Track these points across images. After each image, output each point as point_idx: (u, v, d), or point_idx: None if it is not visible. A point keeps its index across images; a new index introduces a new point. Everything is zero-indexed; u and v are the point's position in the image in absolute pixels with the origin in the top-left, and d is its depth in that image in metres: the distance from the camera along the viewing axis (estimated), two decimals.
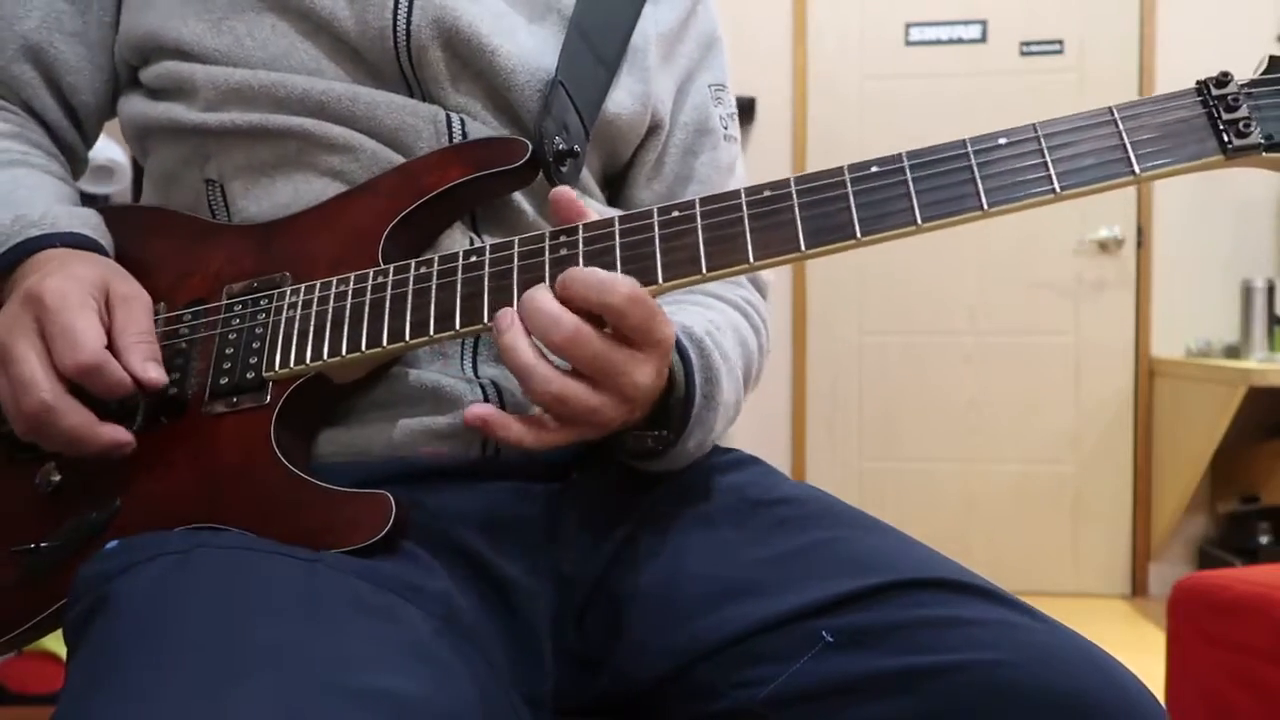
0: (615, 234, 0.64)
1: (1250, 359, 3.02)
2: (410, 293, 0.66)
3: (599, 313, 0.61)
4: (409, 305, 0.66)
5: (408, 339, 0.65)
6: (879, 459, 3.44)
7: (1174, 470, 3.14)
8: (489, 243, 0.67)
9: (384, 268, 0.68)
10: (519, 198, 0.76)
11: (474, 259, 0.66)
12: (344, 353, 0.66)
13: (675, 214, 0.64)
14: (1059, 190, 0.60)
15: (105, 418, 0.65)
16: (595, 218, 0.65)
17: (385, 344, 0.66)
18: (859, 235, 0.61)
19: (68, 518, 0.66)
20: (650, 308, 0.61)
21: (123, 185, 2.03)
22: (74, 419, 0.63)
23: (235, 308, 0.71)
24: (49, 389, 0.63)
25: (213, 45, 0.75)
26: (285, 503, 0.63)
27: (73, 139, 0.85)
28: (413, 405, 0.71)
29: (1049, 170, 0.60)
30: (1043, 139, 0.61)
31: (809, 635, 0.63)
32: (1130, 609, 3.20)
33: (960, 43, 3.36)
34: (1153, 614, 3.08)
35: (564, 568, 0.70)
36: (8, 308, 0.66)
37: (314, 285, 0.69)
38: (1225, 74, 0.60)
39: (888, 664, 0.61)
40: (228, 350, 0.69)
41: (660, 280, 0.63)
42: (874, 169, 0.62)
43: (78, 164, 0.87)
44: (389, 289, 0.67)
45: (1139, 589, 3.31)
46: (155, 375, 0.65)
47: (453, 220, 0.74)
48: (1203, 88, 0.60)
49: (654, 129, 0.85)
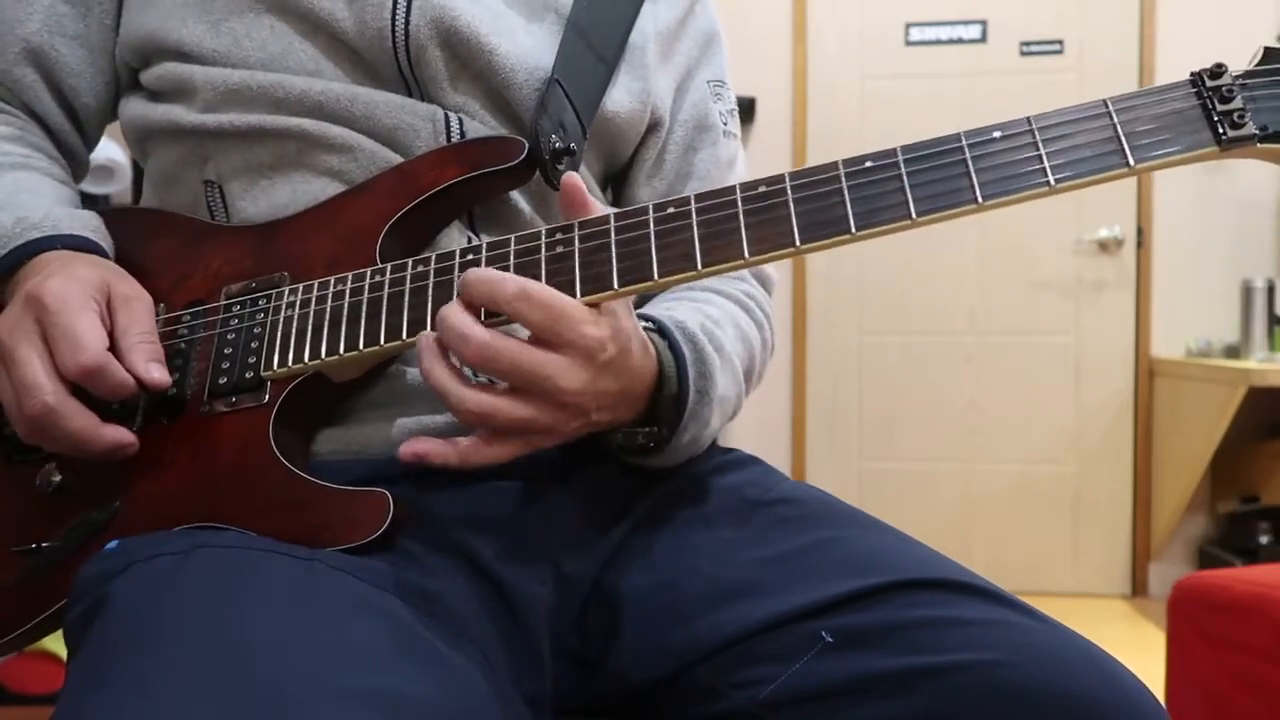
0: (611, 231, 0.64)
1: (1250, 359, 3.01)
2: (407, 291, 0.66)
3: (504, 314, 0.60)
4: (406, 304, 0.66)
5: (405, 338, 0.65)
6: (879, 459, 3.44)
7: (1174, 470, 3.14)
8: (485, 241, 0.67)
9: (381, 267, 0.68)
10: (516, 196, 0.77)
11: (471, 257, 0.66)
12: (342, 352, 0.66)
13: (670, 210, 0.64)
14: (1053, 182, 0.59)
15: (104, 418, 0.65)
16: (599, 211, 0.65)
17: (383, 343, 0.66)
18: (853, 230, 0.61)
19: (68, 518, 0.66)
20: (552, 309, 0.60)
21: (123, 186, 2.03)
22: (77, 421, 0.63)
23: (234, 308, 0.71)
24: (52, 391, 0.63)
25: (212, 46, 0.75)
26: (284, 501, 0.63)
27: (74, 142, 0.85)
28: (410, 404, 0.71)
29: (1043, 163, 0.60)
30: (1037, 132, 0.60)
31: (809, 636, 0.63)
32: (1130, 609, 3.19)
33: (960, 43, 3.36)
34: (1153, 614, 3.08)
35: (563, 567, 0.70)
36: (9, 310, 0.66)
37: (312, 285, 0.69)
38: (1220, 65, 0.60)
39: (887, 664, 0.61)
40: (226, 350, 0.69)
41: (656, 276, 0.63)
42: (869, 163, 0.62)
43: (79, 166, 0.87)
44: (386, 288, 0.67)
45: (1139, 589, 3.31)
46: (159, 376, 0.65)
47: (450, 219, 0.74)
48: (1197, 79, 0.60)
49: (654, 127, 0.85)
